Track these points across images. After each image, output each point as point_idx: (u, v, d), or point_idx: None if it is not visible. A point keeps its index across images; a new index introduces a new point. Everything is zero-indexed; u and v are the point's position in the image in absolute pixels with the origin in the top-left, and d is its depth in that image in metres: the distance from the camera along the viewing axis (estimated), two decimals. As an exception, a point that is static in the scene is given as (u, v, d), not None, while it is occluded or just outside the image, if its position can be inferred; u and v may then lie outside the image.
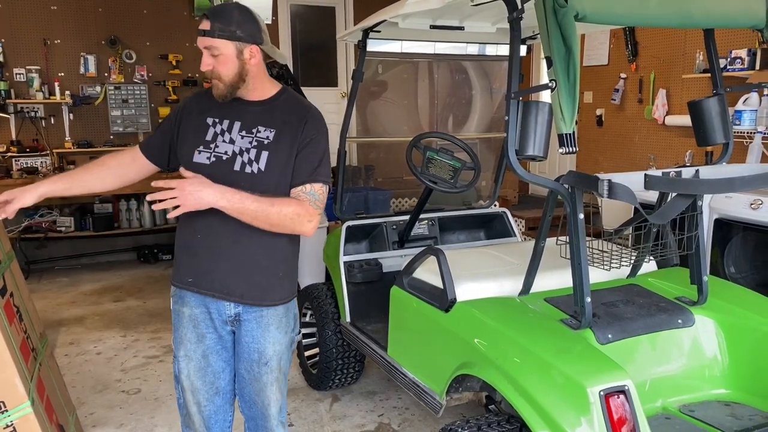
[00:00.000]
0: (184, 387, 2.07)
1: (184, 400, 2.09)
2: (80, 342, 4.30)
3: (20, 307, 2.60)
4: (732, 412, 2.02)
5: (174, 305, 2.07)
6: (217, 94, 1.91)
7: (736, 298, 2.31)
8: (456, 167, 2.92)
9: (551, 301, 2.19)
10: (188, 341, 2.03)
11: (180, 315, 2.04)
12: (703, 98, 2.24)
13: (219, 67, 1.86)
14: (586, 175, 1.87)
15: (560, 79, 1.72)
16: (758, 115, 4.41)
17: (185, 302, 2.02)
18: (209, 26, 1.83)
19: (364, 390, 3.52)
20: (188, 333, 2.03)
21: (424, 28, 3.06)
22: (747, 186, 1.95)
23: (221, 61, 1.86)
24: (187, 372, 2.05)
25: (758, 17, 2.02)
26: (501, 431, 1.92)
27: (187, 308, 2.02)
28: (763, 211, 3.64)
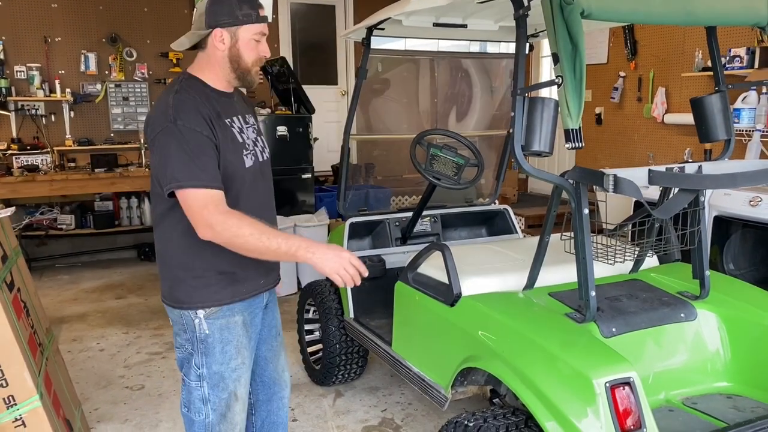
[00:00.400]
0: (236, 396, 1.99)
1: (228, 412, 1.99)
2: (83, 339, 4.31)
3: (27, 302, 2.62)
4: (734, 405, 2.05)
5: (218, 321, 1.93)
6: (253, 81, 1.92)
7: (738, 293, 2.34)
8: (459, 164, 2.94)
9: (555, 296, 2.21)
10: (246, 349, 2.01)
11: (232, 326, 1.95)
12: (705, 95, 2.27)
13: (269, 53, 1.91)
14: (591, 171, 1.89)
15: (567, 76, 1.74)
16: (757, 113, 4.44)
17: (234, 312, 1.95)
18: (266, 12, 1.86)
19: (367, 386, 3.54)
20: (245, 340, 2.00)
21: (428, 26, 3.08)
22: (749, 182, 1.98)
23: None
24: (243, 380, 2.01)
25: (760, 15, 2.05)
26: (507, 423, 1.93)
27: (238, 316, 1.97)
28: (762, 208, 3.67)
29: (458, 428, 2.02)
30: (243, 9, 1.82)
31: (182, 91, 1.81)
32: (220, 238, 1.73)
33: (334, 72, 7.46)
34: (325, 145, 7.08)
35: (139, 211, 6.30)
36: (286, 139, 5.56)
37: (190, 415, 1.99)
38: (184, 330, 1.96)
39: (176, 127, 1.73)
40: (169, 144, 1.74)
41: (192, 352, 1.95)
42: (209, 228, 1.72)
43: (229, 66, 1.87)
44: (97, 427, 3.14)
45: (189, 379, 1.97)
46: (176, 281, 1.93)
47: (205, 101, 1.83)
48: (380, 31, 3.07)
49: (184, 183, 1.72)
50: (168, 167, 1.73)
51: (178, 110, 1.75)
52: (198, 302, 1.91)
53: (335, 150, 7.45)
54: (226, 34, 1.82)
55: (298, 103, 5.73)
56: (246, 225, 1.72)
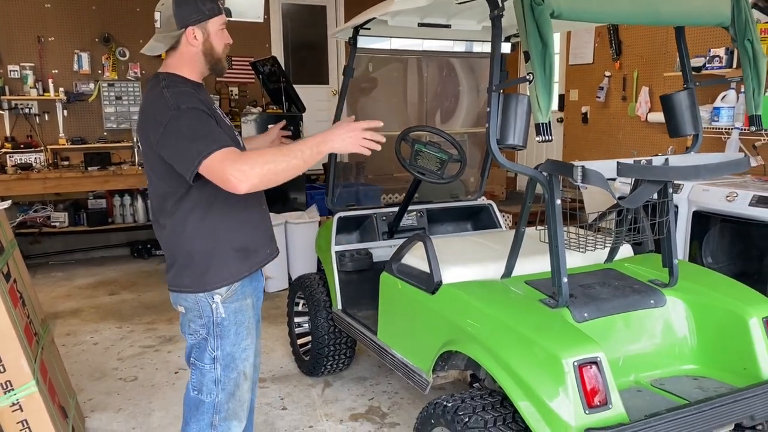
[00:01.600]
0: (245, 375, 2.09)
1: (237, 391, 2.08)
2: (77, 333, 4.39)
3: (23, 293, 2.70)
4: (699, 385, 2.16)
5: (232, 304, 2.03)
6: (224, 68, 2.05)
7: (704, 280, 2.45)
8: (443, 159, 3.04)
9: (531, 284, 2.32)
10: (253, 329, 2.11)
11: (244, 308, 2.06)
12: (674, 92, 2.38)
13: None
14: (562, 163, 2.00)
15: (537, 72, 1.84)
16: (735, 111, 4.56)
17: (246, 294, 2.06)
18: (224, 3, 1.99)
19: (355, 376, 3.64)
20: (252, 321, 2.10)
21: (413, 26, 3.18)
22: (712, 173, 2.09)
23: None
24: (250, 359, 2.11)
25: (723, 15, 2.16)
26: (483, 403, 2.03)
27: (249, 299, 2.08)
28: (738, 203, 3.79)
29: (437, 408, 2.12)
30: (206, 4, 1.93)
31: (171, 86, 1.90)
32: (253, 177, 1.75)
33: (325, 71, 7.56)
34: (316, 143, 7.16)
35: (132, 208, 6.37)
36: (278, 138, 5.64)
37: (200, 397, 2.06)
38: (199, 316, 2.02)
39: (180, 111, 1.81)
40: (180, 128, 1.81)
41: (207, 337, 2.02)
42: (242, 174, 1.74)
43: (203, 59, 1.98)
44: (91, 416, 3.23)
45: (202, 362, 2.04)
46: (195, 267, 1.99)
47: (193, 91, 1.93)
48: (367, 30, 3.16)
49: (206, 151, 1.76)
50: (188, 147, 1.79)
51: (178, 98, 1.84)
52: (218, 282, 1.99)
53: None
54: (198, 30, 1.93)
55: (289, 102, 5.81)
56: (263, 153, 1.80)
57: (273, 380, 3.61)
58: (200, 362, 2.05)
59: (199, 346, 2.06)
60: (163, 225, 2.02)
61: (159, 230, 2.06)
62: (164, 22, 1.93)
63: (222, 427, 2.08)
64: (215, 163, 1.76)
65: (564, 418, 1.79)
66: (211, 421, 2.06)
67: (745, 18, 2.18)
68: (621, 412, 1.84)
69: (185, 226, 1.98)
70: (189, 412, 2.10)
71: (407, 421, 3.13)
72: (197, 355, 2.06)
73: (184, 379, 3.62)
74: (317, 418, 3.18)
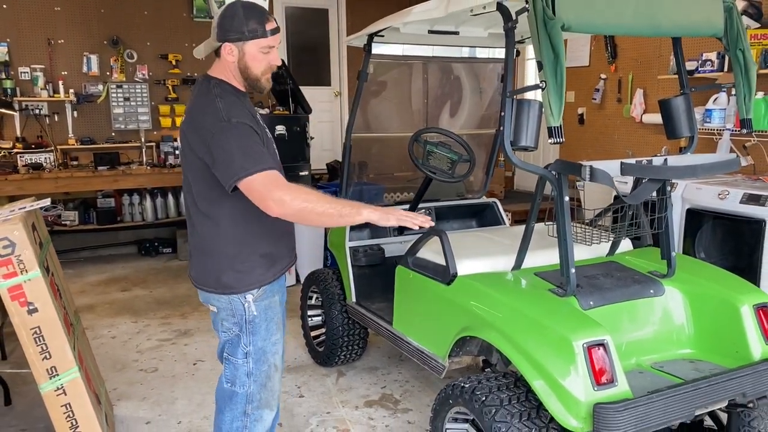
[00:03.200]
0: (276, 367, 2.22)
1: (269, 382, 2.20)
2: (94, 327, 4.53)
3: (59, 286, 2.86)
4: (695, 367, 2.35)
5: (263, 302, 2.13)
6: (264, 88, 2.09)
7: (700, 272, 2.64)
8: (453, 159, 3.22)
9: (540, 275, 2.50)
10: (281, 324, 2.26)
11: (273, 305, 2.18)
12: (672, 97, 2.57)
13: (279, 61, 2.07)
14: (571, 163, 2.18)
15: (549, 80, 2.01)
16: (726, 113, 4.78)
17: (273, 291, 2.18)
18: (275, 23, 2.03)
19: (367, 366, 3.81)
20: (280, 317, 2.24)
21: (423, 33, 3.35)
22: (707, 172, 2.29)
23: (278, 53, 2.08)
24: (280, 352, 2.25)
25: (717, 27, 2.35)
26: (498, 384, 2.21)
27: (277, 296, 2.20)
28: (729, 200, 3.99)
29: (455, 390, 2.30)
30: (249, 25, 1.97)
31: (224, 95, 1.99)
32: (290, 208, 1.84)
33: (327, 73, 7.72)
34: (319, 144, 7.34)
35: (140, 207, 6.50)
36: (284, 138, 5.80)
37: (234, 389, 2.16)
38: (232, 315, 2.12)
39: (231, 124, 1.89)
40: (228, 140, 1.88)
41: (239, 334, 2.13)
42: (280, 203, 1.83)
43: (240, 74, 2.05)
44: (118, 404, 3.38)
45: (236, 357, 2.15)
46: (225, 270, 2.08)
47: (242, 102, 2.04)
48: (380, 37, 3.33)
49: (251, 169, 1.84)
50: (233, 161, 1.86)
51: (229, 110, 1.93)
52: (248, 285, 2.09)
53: (329, 149, 7.74)
54: (234, 48, 1.99)
55: (296, 104, 5.98)
56: (311, 192, 1.89)
57: (288, 370, 3.77)
58: (233, 357, 2.15)
59: (232, 342, 2.15)
60: (195, 224, 2.12)
61: (191, 228, 2.16)
62: (213, 30, 2.03)
63: (255, 415, 2.19)
64: (257, 184, 1.85)
65: (575, 395, 1.98)
66: (245, 410, 2.18)
67: (737, 29, 2.37)
68: (626, 390, 2.02)
69: (218, 229, 2.07)
70: (222, 401, 2.21)
71: (419, 407, 3.30)
72: (230, 351, 2.16)
73: (202, 370, 3.78)
74: (333, 405, 3.35)
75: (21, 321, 2.38)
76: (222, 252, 2.09)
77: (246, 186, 1.88)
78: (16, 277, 2.36)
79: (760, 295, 2.43)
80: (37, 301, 2.39)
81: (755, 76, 2.41)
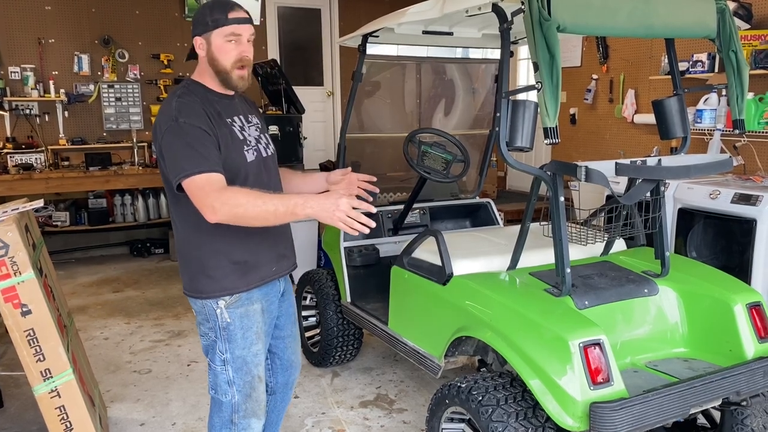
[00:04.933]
0: (260, 378, 2.16)
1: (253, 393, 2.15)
2: (86, 329, 4.50)
3: (53, 287, 2.84)
4: (689, 366, 2.37)
5: (238, 309, 2.07)
6: (244, 84, 2.03)
7: (693, 271, 2.66)
8: (448, 160, 3.23)
9: (536, 275, 2.51)
10: (264, 334, 2.17)
11: (251, 314, 2.10)
12: (665, 98, 2.59)
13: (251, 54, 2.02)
14: (566, 163, 2.19)
15: (545, 81, 2.02)
16: (717, 113, 4.81)
17: (252, 300, 2.09)
18: (244, 13, 1.97)
19: (362, 366, 3.81)
20: (263, 326, 2.15)
21: (417, 33, 3.36)
22: (700, 172, 2.30)
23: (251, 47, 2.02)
24: (263, 363, 2.18)
25: (710, 29, 2.37)
26: (495, 384, 2.22)
27: (257, 304, 2.11)
28: (720, 200, 4.03)
29: (452, 390, 2.30)
30: (213, 15, 1.96)
31: (184, 95, 1.98)
32: (222, 215, 1.81)
33: (320, 73, 7.71)
34: (312, 144, 7.33)
35: (132, 208, 6.47)
36: (278, 138, 5.79)
37: (218, 397, 2.15)
38: (207, 319, 2.09)
39: (178, 124, 1.88)
40: (173, 141, 1.89)
41: (216, 339, 2.09)
42: (211, 208, 1.81)
43: (211, 69, 2.01)
44: (111, 406, 3.36)
45: (214, 363, 2.12)
46: (195, 274, 2.06)
47: (206, 103, 1.98)
48: (374, 38, 3.33)
49: (189, 171, 1.84)
50: (175, 161, 1.87)
51: (180, 110, 1.91)
52: (218, 292, 2.04)
53: (322, 149, 7.73)
54: (202, 41, 1.99)
55: (289, 104, 5.97)
56: (242, 194, 1.83)
57: (283, 371, 3.77)
58: (213, 363, 2.13)
59: (210, 347, 2.12)
60: (173, 226, 2.12)
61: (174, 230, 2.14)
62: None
63: (242, 423, 2.16)
64: (194, 187, 1.84)
65: (571, 394, 1.99)
66: (231, 419, 2.15)
67: (729, 31, 2.39)
68: (622, 389, 2.03)
69: (186, 233, 2.06)
70: (212, 407, 2.21)
71: (414, 407, 3.31)
72: (210, 356, 2.14)
73: (197, 371, 3.77)
74: (329, 406, 3.35)
75: (14, 323, 2.36)
76: (193, 256, 2.06)
77: (186, 189, 1.87)
78: (9, 278, 2.34)
79: (753, 294, 2.46)
80: (30, 303, 2.38)
81: (748, 77, 2.43)
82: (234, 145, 2.01)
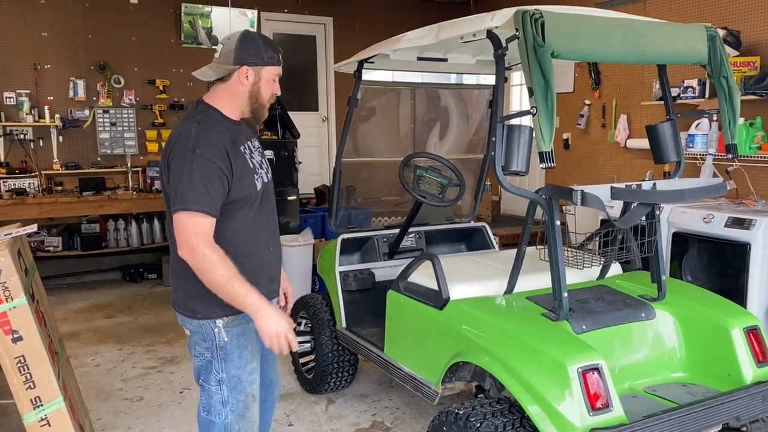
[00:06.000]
0: (254, 398, 2.17)
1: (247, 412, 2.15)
2: (78, 356, 4.44)
3: (44, 313, 2.80)
4: (688, 391, 2.35)
5: (235, 328, 2.11)
6: (264, 116, 2.15)
7: (690, 295, 2.66)
8: (443, 184, 3.24)
9: (532, 299, 2.50)
10: (257, 352, 2.19)
11: (247, 332, 2.13)
12: (658, 123, 2.61)
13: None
14: (562, 187, 2.20)
15: (540, 106, 2.04)
16: (709, 138, 4.87)
17: (248, 319, 2.07)
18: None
19: (357, 393, 3.76)
20: (256, 344, 2.16)
21: (412, 60, 3.40)
22: (695, 196, 2.32)
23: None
24: (257, 382, 2.19)
25: (700, 55, 2.40)
26: (493, 410, 2.19)
27: (252, 323, 2.07)
28: (714, 224, 4.05)
29: (449, 416, 2.27)
30: (268, 52, 2.06)
31: (203, 121, 2.01)
32: (192, 261, 1.92)
33: (315, 99, 7.76)
34: (306, 168, 7.34)
35: (126, 233, 6.44)
36: (273, 163, 5.80)
37: (210, 418, 2.13)
38: (203, 339, 2.10)
39: (194, 155, 1.92)
40: (182, 168, 1.93)
41: (211, 359, 2.10)
42: (191, 252, 1.91)
43: (248, 100, 2.08)
44: (102, 434, 3.30)
45: (209, 384, 2.12)
46: (192, 295, 2.07)
47: (223, 131, 2.02)
48: (370, 64, 3.36)
49: (188, 205, 1.90)
50: (178, 189, 1.92)
51: (198, 140, 1.94)
52: (215, 314, 2.07)
53: (317, 173, 7.74)
54: (251, 72, 2.04)
55: (284, 129, 5.99)
56: (221, 266, 1.91)
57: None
58: (207, 384, 2.13)
59: (205, 368, 2.13)
60: (171, 245, 2.09)
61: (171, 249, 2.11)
62: (223, 54, 2.05)
63: None
64: (187, 223, 1.91)
65: (570, 420, 1.96)
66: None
67: (720, 57, 2.43)
68: (621, 414, 2.01)
69: None
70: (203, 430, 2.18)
71: (410, 434, 3.26)
72: (204, 377, 2.14)
73: (189, 399, 3.71)
74: (323, 433, 3.30)
75: (5, 349, 2.33)
76: (192, 276, 2.02)
77: (176, 218, 1.93)
78: (1, 304, 2.31)
79: (750, 318, 2.45)
80: (22, 329, 2.35)
81: (739, 102, 2.46)
82: (247, 174, 2.06)
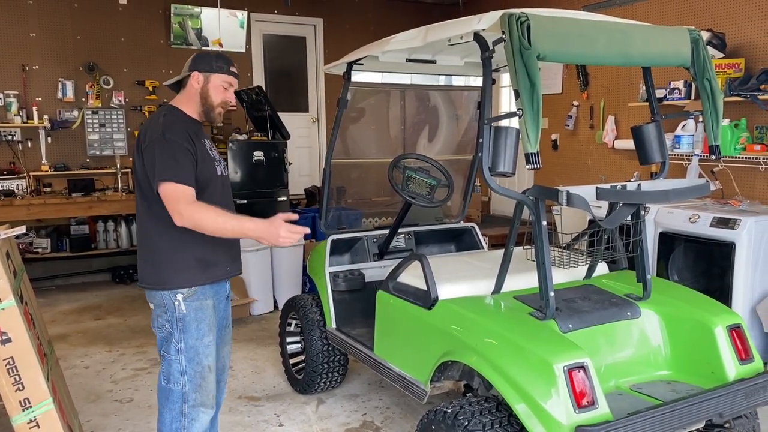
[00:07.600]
0: (210, 368, 2.42)
1: (203, 382, 2.39)
2: (67, 357, 4.42)
3: (33, 315, 2.79)
4: (673, 388, 2.38)
5: (193, 302, 2.36)
6: (219, 120, 2.52)
7: (674, 294, 2.70)
8: (432, 185, 3.26)
9: (520, 299, 2.53)
10: (214, 326, 2.44)
11: (204, 308, 2.40)
12: (643, 124, 2.65)
13: (234, 102, 2.53)
14: (548, 188, 2.23)
15: (526, 108, 2.07)
16: (695, 139, 4.93)
17: (206, 295, 2.40)
18: (237, 72, 2.47)
19: (347, 393, 3.78)
20: (213, 320, 2.43)
21: (401, 61, 3.42)
22: (679, 196, 2.35)
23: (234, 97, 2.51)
24: (214, 355, 2.44)
25: (684, 57, 2.44)
26: (480, 408, 2.22)
27: (210, 300, 2.41)
28: (700, 224, 4.10)
29: (438, 415, 2.29)
30: (218, 62, 2.40)
31: (169, 114, 2.37)
32: (188, 223, 2.19)
33: (305, 99, 7.77)
34: (297, 169, 7.35)
35: (115, 234, 6.42)
36: (263, 164, 5.81)
37: (169, 386, 2.37)
38: (165, 311, 2.36)
39: (164, 138, 2.24)
40: (158, 150, 2.23)
41: (171, 330, 2.35)
42: (179, 214, 2.19)
43: (199, 101, 2.40)
44: (91, 436, 3.30)
45: (169, 353, 2.36)
46: (160, 266, 2.35)
47: (188, 122, 2.38)
48: (359, 65, 3.38)
49: (167, 177, 2.20)
50: (156, 167, 2.22)
51: (166, 127, 2.27)
52: (179, 284, 2.33)
53: (307, 174, 7.75)
54: (201, 76, 2.38)
55: (274, 130, 6.00)
56: (206, 209, 2.21)
57: (267, 399, 3.72)
58: (167, 354, 2.37)
59: (166, 339, 2.37)
60: (144, 222, 2.39)
61: (140, 229, 2.45)
62: (184, 68, 2.44)
63: (192, 414, 2.39)
64: (169, 192, 2.20)
65: (556, 418, 1.99)
66: (182, 410, 2.38)
67: (703, 59, 2.47)
68: (607, 412, 2.04)
69: (156, 229, 2.34)
70: (162, 403, 2.41)
71: (400, 433, 3.28)
72: (165, 347, 2.38)
73: (179, 400, 3.70)
74: (314, 433, 3.31)
75: (-6, 351, 2.32)
76: (160, 249, 2.35)
77: (162, 192, 2.21)
78: (-11, 306, 2.31)
79: (733, 316, 2.49)
80: (11, 331, 2.34)
81: (722, 104, 2.50)
82: (208, 159, 2.39)
